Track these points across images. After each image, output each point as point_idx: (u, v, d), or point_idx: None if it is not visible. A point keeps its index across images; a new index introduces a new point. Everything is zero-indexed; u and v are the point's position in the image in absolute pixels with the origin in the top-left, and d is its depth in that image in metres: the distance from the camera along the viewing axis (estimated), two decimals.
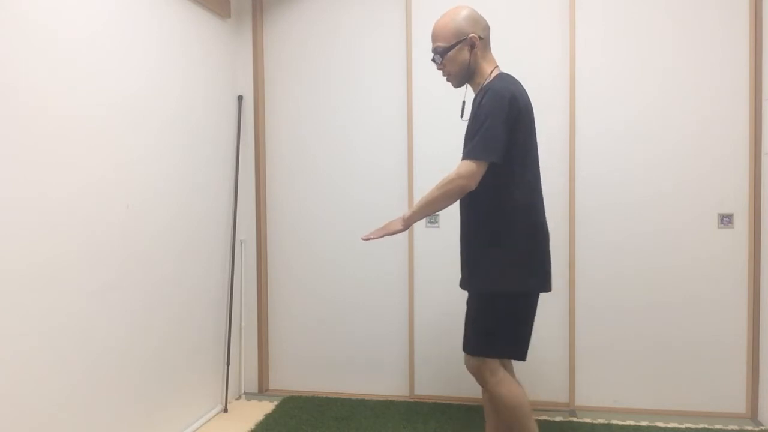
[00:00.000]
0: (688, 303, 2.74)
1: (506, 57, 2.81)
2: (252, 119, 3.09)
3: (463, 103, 2.06)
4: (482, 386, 1.98)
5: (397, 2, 2.92)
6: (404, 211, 2.85)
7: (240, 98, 3.06)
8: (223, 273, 2.92)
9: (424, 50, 2.87)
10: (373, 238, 1.98)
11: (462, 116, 2.06)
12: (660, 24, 2.71)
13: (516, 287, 1.89)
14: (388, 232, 1.98)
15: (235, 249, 2.99)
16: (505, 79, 1.91)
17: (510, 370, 2.09)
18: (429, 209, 1.93)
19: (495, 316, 1.91)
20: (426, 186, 2.83)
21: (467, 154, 1.83)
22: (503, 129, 1.80)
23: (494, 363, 1.93)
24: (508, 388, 1.92)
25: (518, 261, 1.89)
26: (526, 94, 1.92)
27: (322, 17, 3.02)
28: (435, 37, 1.96)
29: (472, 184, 1.82)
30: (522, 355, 1.95)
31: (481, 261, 1.94)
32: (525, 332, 1.95)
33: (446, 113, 2.87)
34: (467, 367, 2.00)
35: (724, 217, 2.70)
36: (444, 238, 2.91)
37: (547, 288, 1.96)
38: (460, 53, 1.93)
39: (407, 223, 1.97)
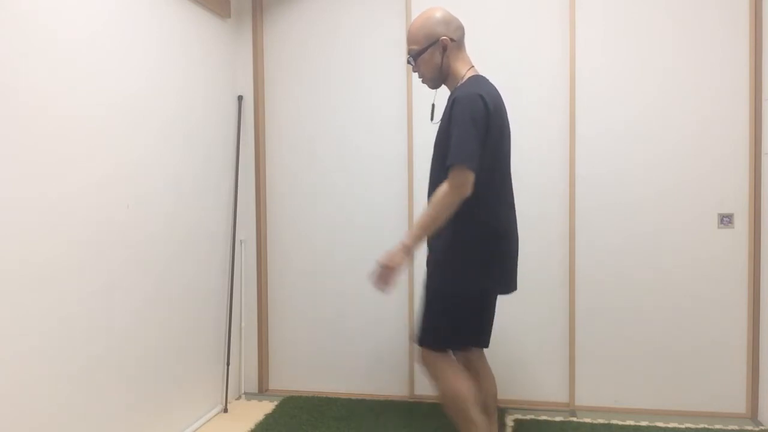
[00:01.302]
0: (688, 303, 2.74)
1: (506, 57, 2.83)
2: (252, 119, 3.08)
3: (432, 105, 2.09)
4: (431, 381, 2.04)
5: (397, 2, 2.92)
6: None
7: (240, 98, 3.06)
8: (223, 273, 2.92)
9: None
10: (383, 286, 1.90)
11: (432, 119, 2.08)
12: (660, 24, 2.71)
13: (467, 291, 1.94)
14: (394, 267, 1.86)
15: (235, 249, 2.99)
16: (474, 82, 1.90)
17: (478, 362, 2.15)
18: (433, 227, 1.86)
19: (443, 311, 1.97)
20: (426, 186, 2.83)
21: (454, 161, 1.79)
22: (476, 134, 1.80)
23: (437, 355, 1.99)
24: (450, 379, 1.96)
25: (473, 264, 1.91)
26: (498, 96, 1.93)
27: (322, 17, 3.02)
28: (408, 40, 2.00)
29: (466, 191, 1.81)
30: (475, 344, 2.07)
31: (439, 260, 1.97)
32: (478, 325, 2.05)
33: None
34: (418, 360, 2.08)
35: (724, 217, 2.70)
36: None
37: (506, 290, 2.02)
38: (433, 56, 1.95)
39: (410, 250, 1.88)
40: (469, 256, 1.92)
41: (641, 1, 2.72)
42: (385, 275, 1.88)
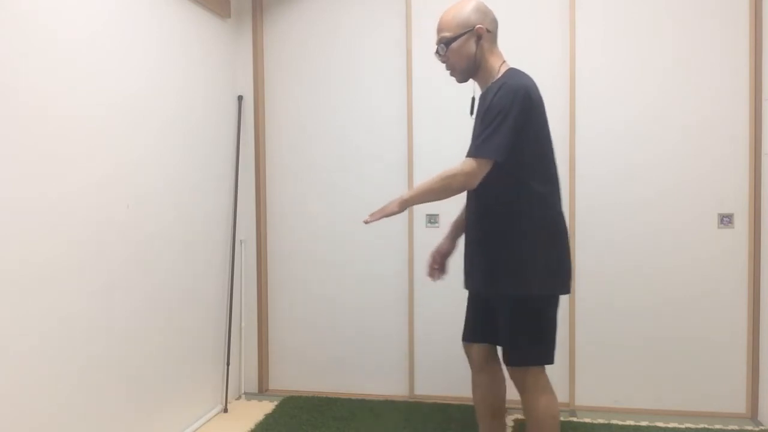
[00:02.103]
0: (688, 303, 2.74)
1: (506, 57, 2.82)
2: (252, 119, 3.08)
3: (473, 99, 1.98)
4: (522, 393, 1.90)
5: (397, 2, 2.92)
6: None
7: (240, 98, 3.06)
8: (223, 273, 2.92)
9: (424, 50, 2.87)
10: (372, 221, 1.90)
11: (471, 113, 1.99)
12: (660, 24, 2.71)
13: (541, 290, 1.84)
14: (385, 213, 1.89)
15: (235, 249, 2.99)
16: (517, 75, 1.86)
17: (495, 361, 2.04)
18: (426, 197, 1.90)
19: (530, 322, 1.85)
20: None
21: (472, 151, 1.80)
22: (513, 127, 1.75)
23: (537, 370, 1.87)
24: (549, 400, 1.86)
25: (542, 262, 1.83)
26: (538, 89, 1.87)
27: (322, 17, 3.02)
28: (440, 28, 1.90)
29: (473, 182, 1.79)
30: (552, 359, 1.89)
31: (502, 264, 1.86)
32: (554, 334, 1.90)
33: (446, 113, 2.87)
34: (511, 377, 1.92)
35: (724, 217, 2.70)
36: (438, 236, 2.90)
37: (566, 289, 1.90)
38: (466, 45, 1.87)
39: (404, 206, 1.89)
40: (539, 255, 1.83)
41: (641, 1, 2.72)
42: (376, 216, 1.91)
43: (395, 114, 2.95)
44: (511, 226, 1.85)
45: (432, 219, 2.92)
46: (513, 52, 2.77)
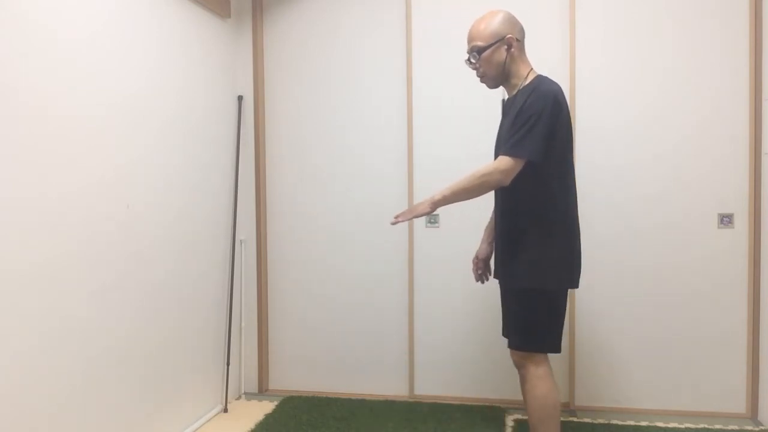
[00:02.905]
0: (688, 303, 2.74)
1: None
2: (252, 119, 3.08)
3: (502, 101, 2.11)
4: (523, 379, 2.02)
5: (397, 2, 2.92)
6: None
7: (240, 98, 3.06)
8: (223, 273, 2.92)
9: (424, 50, 2.88)
10: (402, 221, 1.99)
11: (504, 116, 2.12)
12: (660, 24, 2.71)
13: (553, 285, 1.96)
14: (415, 214, 1.98)
15: (235, 249, 2.99)
16: (546, 80, 1.97)
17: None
18: (462, 196, 1.96)
19: (537, 312, 1.98)
20: (426, 186, 2.84)
21: (508, 150, 1.89)
22: (546, 130, 1.86)
23: (540, 357, 1.99)
24: (549, 387, 1.97)
25: (557, 258, 1.96)
26: (564, 95, 1.97)
27: (322, 17, 3.02)
28: (472, 38, 2.02)
29: (507, 180, 1.89)
30: (559, 348, 2.02)
31: (521, 257, 1.98)
32: (561, 325, 2.02)
33: (446, 113, 2.87)
34: (514, 361, 2.05)
35: (724, 217, 2.70)
36: (444, 238, 2.91)
37: (576, 284, 2.03)
38: (497, 53, 1.99)
39: (435, 206, 1.97)
40: (555, 251, 1.95)
41: (641, 1, 2.72)
42: (406, 216, 1.99)
43: (395, 114, 2.95)
44: (531, 224, 1.96)
45: (432, 219, 2.92)
46: None
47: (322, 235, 3.06)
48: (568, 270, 1.99)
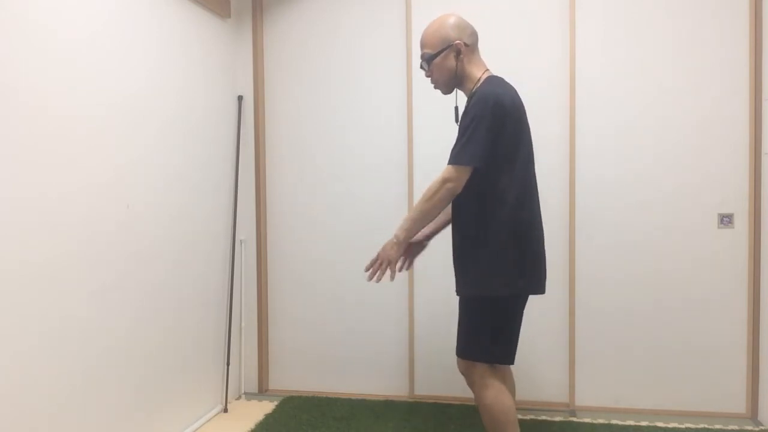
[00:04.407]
0: (688, 303, 2.74)
1: (506, 58, 2.82)
2: (252, 119, 3.08)
3: (455, 108, 2.05)
4: (470, 388, 1.99)
5: (397, 2, 2.92)
6: (401, 217, 2.83)
7: (240, 98, 3.06)
8: (223, 273, 2.92)
9: None
10: (379, 275, 1.94)
11: (456, 121, 2.05)
12: (660, 24, 2.71)
13: (501, 291, 1.88)
14: (390, 260, 1.93)
15: (235, 249, 2.99)
16: (492, 82, 1.92)
17: (505, 373, 2.04)
18: (424, 221, 1.92)
19: (481, 320, 1.92)
20: (426, 186, 2.83)
21: (451, 159, 1.86)
22: (486, 134, 1.81)
23: (483, 367, 1.93)
24: (494, 394, 1.90)
25: (506, 263, 1.87)
26: (516, 95, 1.92)
27: (322, 17, 3.02)
28: (422, 45, 2.00)
29: (459, 187, 1.85)
30: (509, 359, 1.95)
31: (468, 264, 1.94)
32: (511, 335, 1.95)
33: (446, 113, 2.86)
34: (459, 369, 2.02)
35: (724, 217, 2.70)
36: (444, 238, 2.90)
37: (539, 290, 1.94)
38: (447, 60, 1.95)
39: (402, 246, 1.93)
40: (498, 257, 1.87)
41: (641, 1, 2.72)
42: (378, 268, 1.95)
43: (395, 114, 2.95)
44: (478, 229, 1.90)
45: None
46: (513, 52, 2.81)
47: (322, 235, 3.06)
48: (521, 275, 1.88)
